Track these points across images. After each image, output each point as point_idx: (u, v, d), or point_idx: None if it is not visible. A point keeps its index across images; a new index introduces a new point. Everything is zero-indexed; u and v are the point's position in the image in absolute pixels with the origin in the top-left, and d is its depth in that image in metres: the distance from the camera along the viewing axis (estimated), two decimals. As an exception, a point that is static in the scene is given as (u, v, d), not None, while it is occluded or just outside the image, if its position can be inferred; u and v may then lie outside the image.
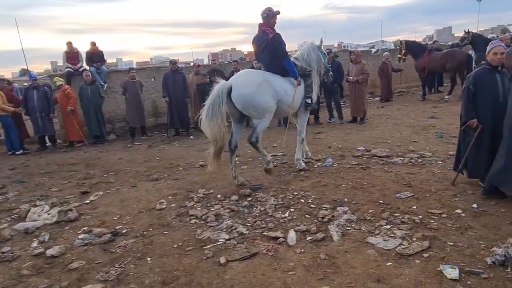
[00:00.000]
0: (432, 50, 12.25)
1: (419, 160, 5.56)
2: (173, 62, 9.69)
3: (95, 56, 10.41)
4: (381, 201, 4.18)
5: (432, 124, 8.15)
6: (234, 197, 4.68)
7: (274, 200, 4.48)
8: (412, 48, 12.31)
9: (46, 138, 9.43)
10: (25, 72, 43.66)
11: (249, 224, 3.91)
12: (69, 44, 10.35)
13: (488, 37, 13.73)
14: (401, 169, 5.26)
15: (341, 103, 12.84)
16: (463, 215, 3.71)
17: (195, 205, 4.56)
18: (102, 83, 10.10)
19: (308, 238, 3.49)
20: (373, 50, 16.83)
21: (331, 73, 6.16)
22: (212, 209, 4.40)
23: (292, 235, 3.54)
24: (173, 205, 4.65)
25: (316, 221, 3.85)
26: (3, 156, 8.69)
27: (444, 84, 13.91)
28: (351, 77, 9.23)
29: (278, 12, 5.16)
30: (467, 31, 11.58)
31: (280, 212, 4.14)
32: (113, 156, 7.72)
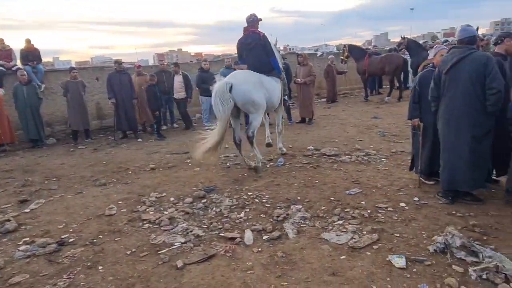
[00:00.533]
0: (371, 54, 13.00)
1: (365, 158, 5.86)
2: (119, 62, 9.29)
3: (31, 55, 9.69)
4: (332, 198, 4.36)
5: (375, 123, 8.63)
6: (188, 200, 4.61)
7: (229, 201, 4.48)
8: (354, 52, 12.96)
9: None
10: None
11: (205, 226, 3.87)
12: (1, 41, 9.53)
13: (420, 42, 14.87)
14: (349, 167, 5.51)
15: (290, 105, 13.26)
16: (406, 208, 3.98)
17: (147, 210, 4.42)
18: (39, 83, 9.41)
19: (264, 237, 3.53)
20: (319, 53, 17.44)
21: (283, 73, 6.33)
22: (165, 212, 4.30)
23: (248, 235, 3.56)
24: (124, 210, 4.47)
25: (271, 220, 3.91)
26: None
27: (384, 86, 14.79)
28: (299, 79, 9.48)
29: (261, 19, 5.79)
30: (403, 37, 12.41)
31: (235, 213, 4.15)
32: (54, 161, 7.23)
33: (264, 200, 4.45)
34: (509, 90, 3.71)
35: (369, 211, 3.93)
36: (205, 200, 4.58)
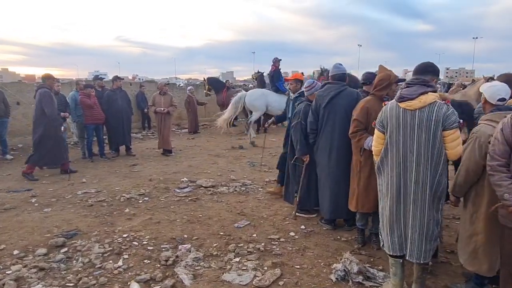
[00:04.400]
0: (229, 87, 13.57)
1: (243, 188, 5.78)
2: None
3: None
4: (222, 233, 4.03)
5: (242, 154, 8.78)
6: (41, 251, 3.57)
7: (99, 247, 3.65)
8: (213, 84, 13.29)
9: None
10: None
11: (72, 284, 3.01)
12: None
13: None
14: (230, 198, 5.31)
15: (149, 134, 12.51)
16: (296, 237, 3.97)
17: (-22, 271, 3.21)
18: None
19: (155, 288, 2.94)
20: (180, 83, 17.26)
21: None
22: (8, 272, 3.19)
23: (135, 288, 2.91)
24: None
25: (159, 265, 3.32)
26: None
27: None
28: (161, 108, 8.97)
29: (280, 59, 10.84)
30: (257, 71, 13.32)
31: (111, 262, 3.39)
32: None
33: (144, 242, 3.80)
34: None
35: (263, 244, 3.76)
36: (65, 249, 3.63)
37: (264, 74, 12.53)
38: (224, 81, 16.02)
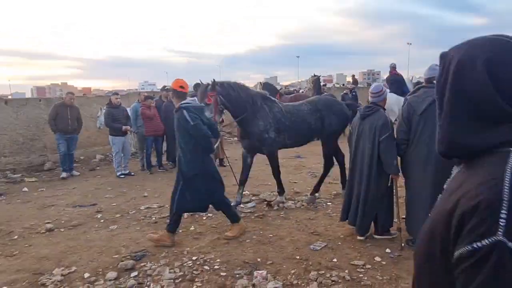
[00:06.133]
0: (282, 93, 13.23)
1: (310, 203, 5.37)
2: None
3: None
4: (298, 257, 3.66)
5: (301, 163, 8.37)
6: (112, 274, 3.40)
7: (170, 272, 3.42)
8: (267, 90, 13.00)
9: None
10: None
11: (146, 316, 2.77)
12: None
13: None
14: (298, 214, 4.93)
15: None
16: (384, 263, 3.50)
17: (51, 297, 3.09)
18: None
19: (236, 325, 2.62)
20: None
21: None
22: (81, 299, 3.04)
23: (214, 325, 2.60)
24: (13, 301, 3.05)
25: (236, 296, 3.01)
26: None
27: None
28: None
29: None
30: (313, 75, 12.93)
31: (184, 289, 3.13)
32: None
33: (216, 267, 3.52)
34: None
35: (347, 271, 3.33)
36: (135, 273, 3.44)
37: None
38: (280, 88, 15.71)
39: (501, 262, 0.65)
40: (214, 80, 4.90)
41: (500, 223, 0.66)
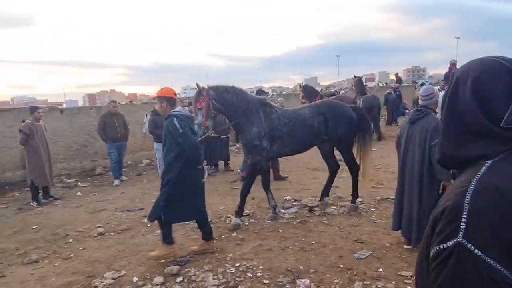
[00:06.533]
0: (323, 95, 13.03)
1: (353, 208, 5.24)
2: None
3: None
4: (341, 266, 3.58)
5: (342, 167, 8.18)
6: (158, 279, 3.52)
7: (214, 278, 3.48)
8: (307, 92, 12.89)
9: None
10: None
11: (192, 323, 2.84)
12: None
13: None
14: (341, 220, 4.83)
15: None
16: (434, 274, 3.33)
17: (103, 300, 3.25)
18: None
19: (280, 336, 2.61)
20: (270, 94, 17.28)
21: None
22: (130, 302, 3.17)
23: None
24: (69, 302, 3.24)
25: (279, 305, 3.00)
26: None
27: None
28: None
29: None
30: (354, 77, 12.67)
31: (227, 297, 3.17)
32: (-37, 228, 5.58)
33: (259, 274, 3.53)
34: None
35: (394, 282, 3.21)
36: (181, 279, 3.53)
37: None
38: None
39: (460, 262, 0.73)
40: (208, 85, 4.80)
41: (461, 226, 0.75)
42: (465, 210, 0.76)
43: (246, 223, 4.98)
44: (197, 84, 4.80)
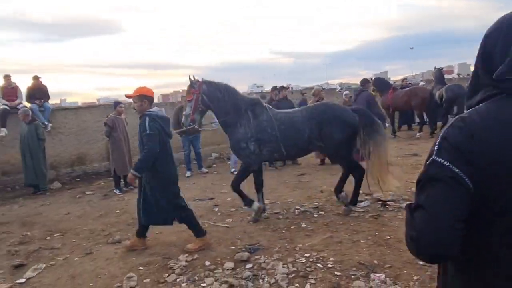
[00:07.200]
0: (396, 87, 12.31)
1: (432, 204, 4.86)
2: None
3: (38, 92, 8.96)
4: (420, 263, 3.31)
5: (418, 162, 7.67)
6: (229, 264, 3.59)
7: (283, 267, 3.44)
8: (378, 85, 12.26)
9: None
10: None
11: (263, 308, 2.84)
12: (7, 77, 8.85)
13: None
14: (419, 216, 4.50)
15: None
16: None
17: (178, 280, 3.40)
18: (46, 123, 8.62)
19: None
20: (338, 88, 16.87)
21: None
22: (203, 284, 3.28)
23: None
24: (147, 280, 3.45)
25: (352, 297, 2.88)
26: None
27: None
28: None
29: None
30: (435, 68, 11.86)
31: (297, 285, 3.12)
32: (58, 211, 6.25)
33: (329, 265, 3.42)
34: None
35: (483, 283, 2.89)
36: (251, 265, 3.55)
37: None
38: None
39: (432, 171, 0.99)
40: (202, 79, 4.75)
41: (435, 148, 1.01)
42: (440, 137, 1.02)
43: (315, 215, 4.87)
44: (189, 77, 4.74)
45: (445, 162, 0.97)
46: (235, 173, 7.85)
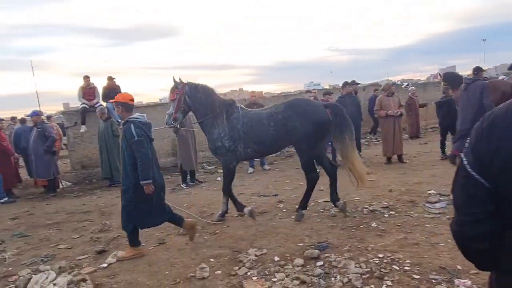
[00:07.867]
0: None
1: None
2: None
3: (112, 92, 9.61)
4: None
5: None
6: (299, 261, 3.54)
7: (356, 266, 3.33)
8: (449, 80, 11.41)
9: (61, 181, 8.49)
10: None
11: (337, 307, 2.76)
12: (86, 78, 9.62)
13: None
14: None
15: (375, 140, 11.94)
16: None
17: (249, 273, 3.42)
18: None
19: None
20: (404, 84, 16.05)
21: None
22: (274, 279, 3.27)
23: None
24: (219, 272, 3.52)
25: (435, 303, 2.69)
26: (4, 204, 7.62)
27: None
28: (394, 110, 8.27)
29: None
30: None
31: (372, 286, 2.99)
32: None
33: (406, 268, 3.24)
34: None
35: None
36: (321, 263, 3.48)
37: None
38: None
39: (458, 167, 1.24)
40: (187, 81, 4.92)
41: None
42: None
43: (386, 215, 4.66)
44: (173, 78, 4.92)
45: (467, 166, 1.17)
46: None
